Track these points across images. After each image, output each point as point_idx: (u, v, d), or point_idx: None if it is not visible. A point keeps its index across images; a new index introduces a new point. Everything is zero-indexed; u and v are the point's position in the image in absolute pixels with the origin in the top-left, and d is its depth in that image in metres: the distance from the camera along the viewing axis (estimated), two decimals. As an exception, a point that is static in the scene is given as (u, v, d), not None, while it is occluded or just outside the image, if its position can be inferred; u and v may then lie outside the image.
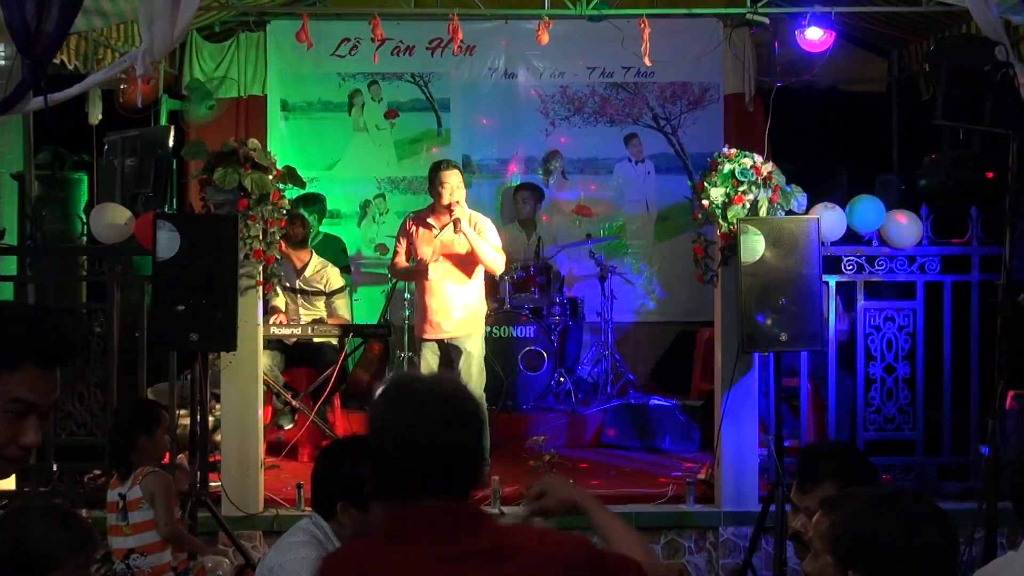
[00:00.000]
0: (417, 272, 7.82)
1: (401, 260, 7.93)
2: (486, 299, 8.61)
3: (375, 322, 9.79)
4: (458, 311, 7.77)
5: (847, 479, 3.49)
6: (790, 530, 3.67)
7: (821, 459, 3.70)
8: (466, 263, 7.76)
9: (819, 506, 2.95)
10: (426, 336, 7.83)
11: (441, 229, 7.67)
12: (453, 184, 7.61)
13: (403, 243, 7.91)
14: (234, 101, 10.66)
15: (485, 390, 7.99)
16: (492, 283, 9.17)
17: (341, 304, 9.01)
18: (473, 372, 7.72)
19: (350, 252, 10.41)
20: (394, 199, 10.83)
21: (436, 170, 7.73)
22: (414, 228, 7.84)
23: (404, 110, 10.85)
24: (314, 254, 9.08)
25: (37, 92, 5.69)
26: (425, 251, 7.75)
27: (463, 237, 7.58)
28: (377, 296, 10.47)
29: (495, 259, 7.69)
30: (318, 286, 8.96)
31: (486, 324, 8.31)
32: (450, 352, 7.82)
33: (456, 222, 7.52)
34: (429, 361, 7.81)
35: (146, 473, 5.37)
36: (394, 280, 9.61)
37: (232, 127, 10.41)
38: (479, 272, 7.87)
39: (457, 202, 7.56)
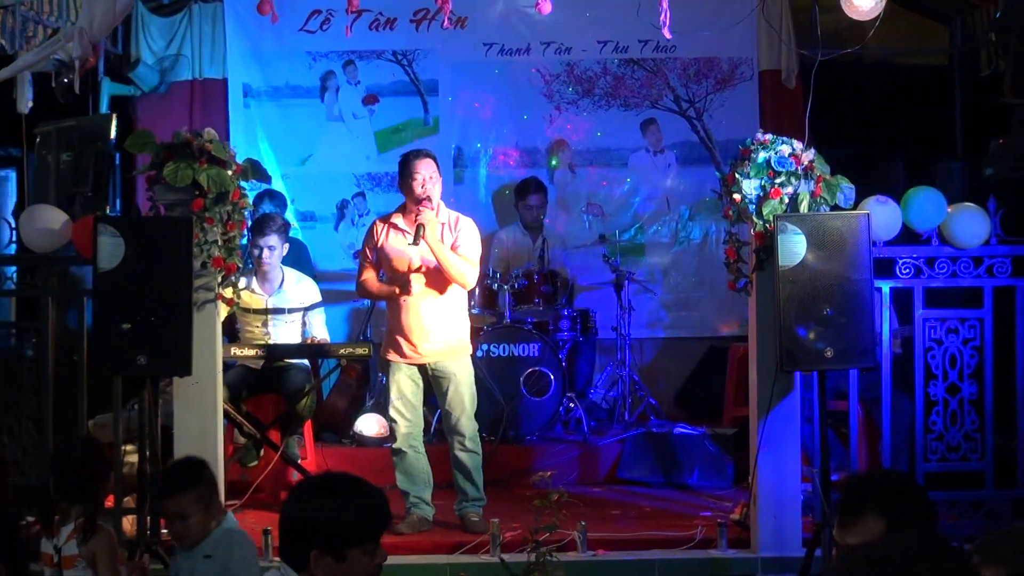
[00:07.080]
0: (399, 291, 7.52)
1: (372, 278, 7.69)
2: (483, 311, 8.59)
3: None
4: (441, 330, 7.55)
5: (894, 513, 3.50)
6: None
7: (865, 488, 3.70)
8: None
9: (975, 553, 2.93)
10: (400, 360, 7.62)
11: (415, 240, 7.35)
12: (425, 175, 7.44)
13: (370, 253, 7.69)
14: (188, 84, 10.65)
15: (481, 418, 7.88)
16: (490, 293, 9.17)
17: (319, 321, 8.85)
18: (465, 398, 7.60)
19: (322, 260, 10.43)
20: (375, 198, 10.78)
21: (405, 161, 7.57)
22: (383, 234, 7.63)
23: (385, 94, 10.85)
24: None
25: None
26: (397, 262, 7.55)
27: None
28: (353, 313, 10.52)
29: (464, 272, 7.45)
30: (298, 302, 8.76)
31: (483, 342, 8.27)
32: (432, 378, 7.65)
33: (419, 229, 7.31)
34: (403, 388, 7.59)
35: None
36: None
37: (185, 115, 10.42)
38: None
39: (428, 198, 7.41)
